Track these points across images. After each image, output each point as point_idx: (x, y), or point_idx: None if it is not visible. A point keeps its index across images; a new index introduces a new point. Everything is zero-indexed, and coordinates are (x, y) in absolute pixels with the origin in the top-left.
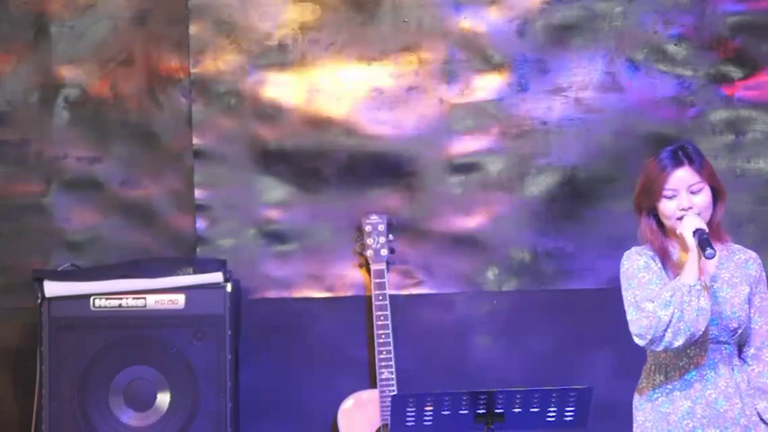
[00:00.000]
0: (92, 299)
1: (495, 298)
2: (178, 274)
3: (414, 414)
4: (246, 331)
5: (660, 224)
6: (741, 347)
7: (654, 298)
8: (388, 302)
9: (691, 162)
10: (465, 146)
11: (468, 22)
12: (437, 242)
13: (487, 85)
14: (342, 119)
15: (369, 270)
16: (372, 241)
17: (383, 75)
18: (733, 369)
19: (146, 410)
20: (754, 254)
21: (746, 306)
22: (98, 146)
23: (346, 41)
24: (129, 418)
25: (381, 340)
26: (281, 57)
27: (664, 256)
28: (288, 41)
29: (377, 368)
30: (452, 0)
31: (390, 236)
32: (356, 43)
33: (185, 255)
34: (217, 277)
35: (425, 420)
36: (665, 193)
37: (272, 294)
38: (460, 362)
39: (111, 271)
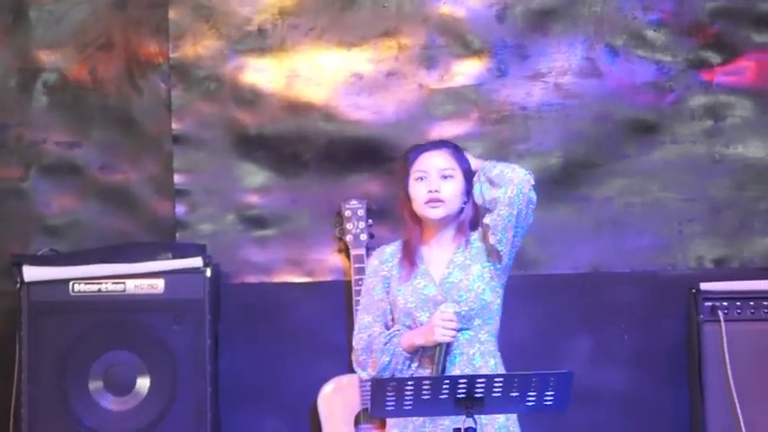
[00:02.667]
0: (71, 284)
1: None
2: (157, 259)
3: (393, 398)
4: (226, 316)
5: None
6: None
7: (373, 321)
8: None
9: (447, 148)
10: (444, 131)
11: (448, 7)
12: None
13: (467, 71)
14: (321, 104)
15: (348, 255)
16: (352, 226)
17: (363, 60)
18: (474, 355)
19: (125, 395)
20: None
21: (478, 284)
22: (77, 131)
23: (326, 26)
24: (109, 402)
25: None
26: (260, 42)
27: (405, 249)
28: (267, 26)
29: None
30: None
31: (370, 221)
32: (336, 28)
33: (165, 240)
34: (196, 262)
35: (405, 405)
36: (415, 173)
37: (252, 279)
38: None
39: (90, 256)
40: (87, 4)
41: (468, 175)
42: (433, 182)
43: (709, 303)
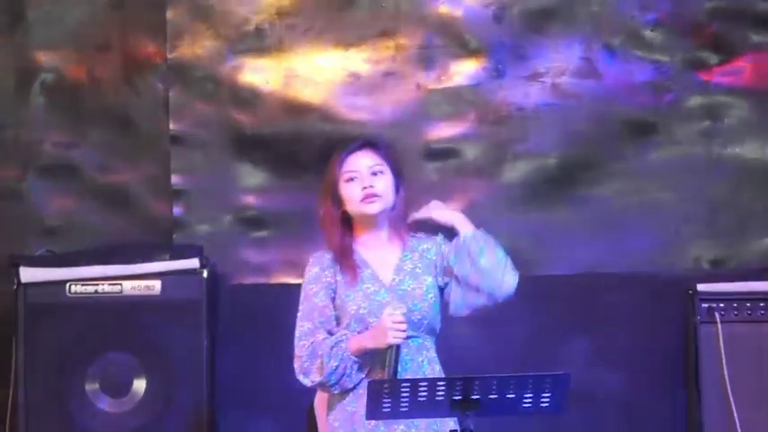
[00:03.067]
0: (68, 285)
1: None
2: (155, 260)
3: (389, 400)
4: (223, 317)
5: (344, 219)
6: (432, 337)
7: (314, 328)
8: None
9: (372, 146)
10: (442, 132)
11: (446, 7)
12: (414, 228)
13: (464, 71)
14: (319, 104)
15: None
16: None
17: (360, 60)
18: (422, 362)
19: (122, 397)
20: (438, 238)
21: (430, 296)
22: (75, 131)
23: (323, 27)
24: (106, 404)
25: None
26: (258, 42)
27: (343, 254)
28: (265, 27)
29: None
30: None
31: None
32: (333, 29)
33: (162, 240)
34: (193, 263)
35: (402, 407)
36: (345, 175)
37: (249, 280)
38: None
39: (87, 257)
40: (85, 5)
41: (396, 170)
42: (365, 179)
43: (707, 305)
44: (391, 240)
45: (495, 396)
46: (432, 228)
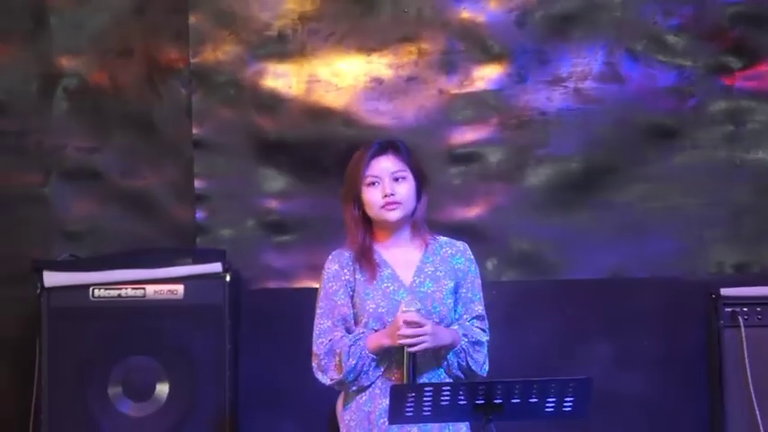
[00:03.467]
0: (91, 289)
1: (494, 288)
2: (177, 265)
3: (412, 404)
4: (246, 322)
5: (366, 219)
6: None
7: (333, 326)
8: None
9: (395, 150)
10: (464, 136)
11: (468, 12)
12: (436, 232)
13: (487, 76)
14: (341, 109)
15: None
16: None
17: (382, 65)
18: (440, 357)
19: (145, 401)
20: (461, 245)
21: (449, 301)
22: (97, 136)
23: (346, 32)
24: (129, 408)
25: None
26: (280, 47)
27: (363, 255)
28: (287, 32)
29: None
30: None
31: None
32: (356, 34)
33: (185, 245)
34: (216, 267)
35: (424, 411)
36: (367, 179)
37: (272, 285)
38: None
39: (110, 261)
40: (108, 11)
41: (418, 174)
42: (386, 185)
43: (730, 309)
44: (413, 242)
45: (518, 400)
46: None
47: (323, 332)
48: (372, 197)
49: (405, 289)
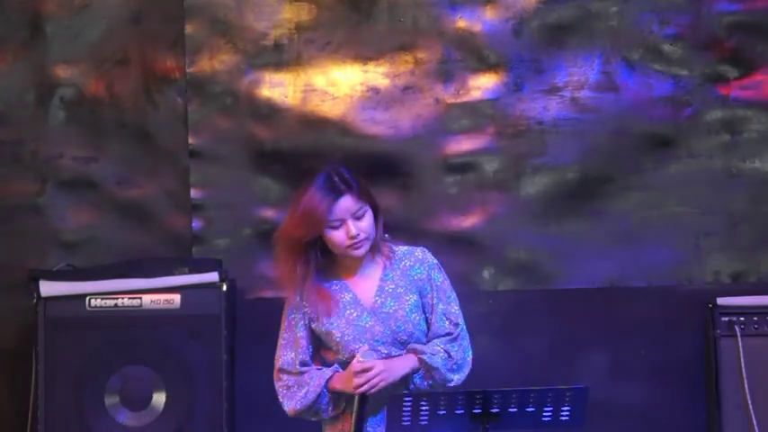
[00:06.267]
0: (87, 299)
1: (490, 298)
2: (174, 274)
3: (409, 413)
4: (242, 331)
5: (316, 253)
6: None
7: (296, 356)
8: None
9: (350, 189)
10: (461, 145)
11: (464, 21)
12: (433, 242)
13: (483, 85)
14: (337, 119)
15: None
16: None
17: (379, 74)
18: (408, 382)
19: (141, 410)
20: (419, 253)
21: (414, 316)
22: (94, 146)
23: (342, 41)
24: (125, 417)
25: None
26: (276, 56)
27: (315, 292)
28: (284, 41)
29: None
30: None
31: (386, 235)
32: (352, 43)
33: (181, 254)
34: (212, 277)
35: (421, 420)
36: (332, 224)
37: (268, 294)
38: None
39: (106, 271)
40: (104, 20)
41: (371, 201)
42: (351, 228)
43: (726, 318)
44: (374, 260)
45: (515, 409)
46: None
47: (287, 363)
48: (338, 239)
49: (367, 312)
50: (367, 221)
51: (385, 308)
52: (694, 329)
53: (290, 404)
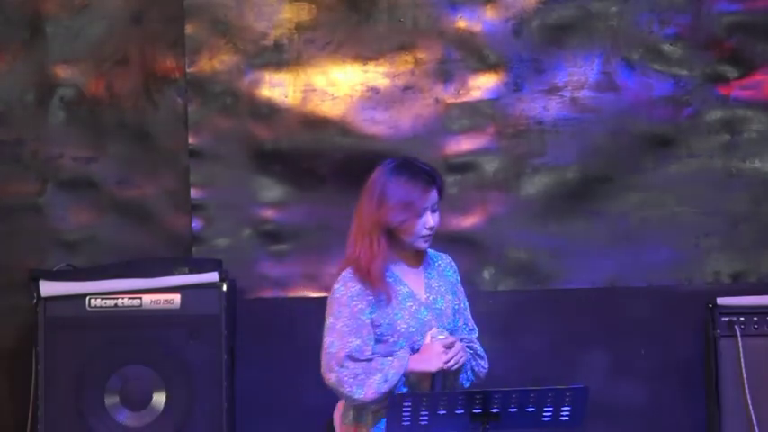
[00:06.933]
0: (87, 298)
1: (490, 298)
2: (174, 274)
3: (409, 413)
4: (242, 331)
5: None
6: None
7: (363, 344)
8: None
9: (439, 182)
10: (461, 145)
11: (464, 21)
12: (433, 242)
13: (483, 85)
14: (337, 118)
15: None
16: None
17: (379, 74)
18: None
19: (141, 410)
20: (447, 257)
21: (455, 314)
22: (94, 146)
23: (342, 41)
24: (125, 417)
25: None
26: (276, 56)
27: (381, 278)
28: (284, 41)
29: None
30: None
31: None
32: (352, 43)
33: (181, 254)
34: (212, 277)
35: (421, 420)
36: (420, 210)
37: (268, 294)
38: None
39: (106, 271)
40: (104, 20)
41: None
42: (431, 218)
43: (726, 318)
44: (415, 257)
45: (515, 409)
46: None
47: (355, 350)
48: (417, 227)
49: (424, 306)
50: (438, 217)
51: (437, 304)
52: (694, 329)
53: (365, 392)
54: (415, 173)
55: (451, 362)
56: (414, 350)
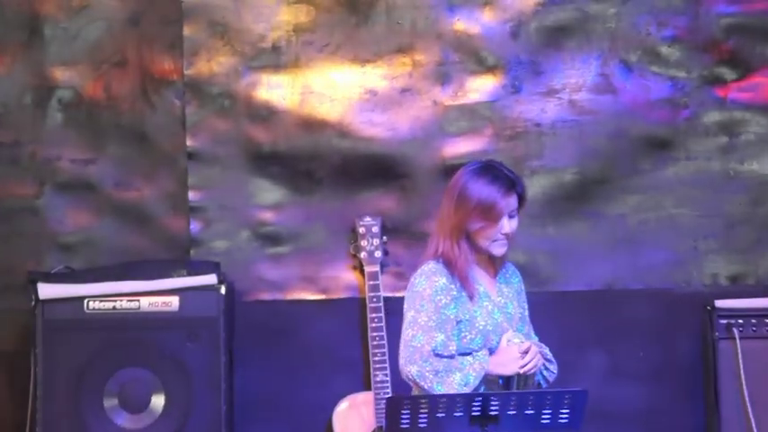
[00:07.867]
0: (86, 301)
1: None
2: (172, 276)
3: (408, 416)
4: (241, 333)
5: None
6: None
7: (447, 339)
8: (382, 304)
9: (520, 188)
10: (458, 147)
11: (462, 23)
12: None
13: (481, 87)
14: (335, 121)
15: (363, 272)
16: (366, 243)
17: (377, 76)
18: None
19: (140, 413)
20: (512, 265)
21: (519, 320)
22: (92, 148)
23: (340, 43)
24: (124, 420)
25: (376, 342)
26: (274, 58)
27: (466, 276)
28: (281, 43)
29: (371, 370)
30: (446, 2)
31: (384, 238)
32: (350, 45)
33: (179, 257)
34: (211, 279)
35: (420, 423)
36: (501, 214)
37: (266, 296)
38: None
39: (105, 273)
40: (102, 22)
41: None
42: (507, 224)
43: (725, 321)
44: (490, 261)
45: (514, 412)
46: None
47: (440, 345)
48: (493, 232)
49: (498, 308)
50: (515, 223)
51: (508, 308)
52: (692, 332)
53: (445, 390)
54: (496, 176)
55: (527, 366)
56: (489, 350)
